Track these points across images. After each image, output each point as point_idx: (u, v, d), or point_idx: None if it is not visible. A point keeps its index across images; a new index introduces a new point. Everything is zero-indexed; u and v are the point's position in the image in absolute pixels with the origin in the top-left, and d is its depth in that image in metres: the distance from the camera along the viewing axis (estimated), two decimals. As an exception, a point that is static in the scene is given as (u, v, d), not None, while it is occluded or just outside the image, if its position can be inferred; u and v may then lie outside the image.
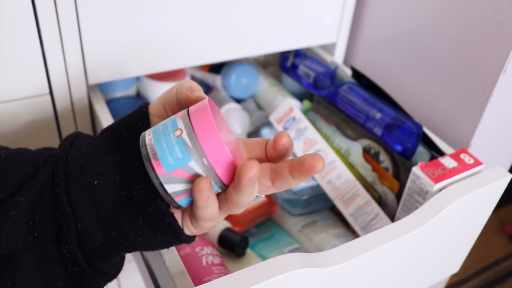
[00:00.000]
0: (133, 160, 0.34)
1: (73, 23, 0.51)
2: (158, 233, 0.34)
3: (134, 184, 0.33)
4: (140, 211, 0.33)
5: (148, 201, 0.33)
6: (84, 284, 0.36)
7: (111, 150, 0.35)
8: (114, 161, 0.34)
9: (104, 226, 0.34)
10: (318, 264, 0.38)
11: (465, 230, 0.53)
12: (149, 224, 0.34)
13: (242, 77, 0.72)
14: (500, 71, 0.54)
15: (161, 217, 0.33)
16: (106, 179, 0.34)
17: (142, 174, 0.33)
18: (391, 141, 0.56)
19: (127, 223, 0.34)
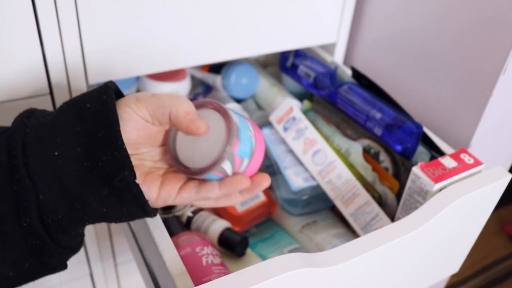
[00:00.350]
0: (96, 131, 0.33)
1: (73, 22, 0.51)
2: (123, 204, 0.34)
3: (98, 156, 0.33)
4: (105, 182, 0.33)
5: (114, 172, 0.33)
6: (45, 259, 0.35)
7: (71, 121, 0.34)
8: (75, 132, 0.34)
9: (68, 197, 0.33)
10: (318, 264, 0.38)
11: (465, 230, 0.53)
12: (114, 195, 0.34)
13: (242, 77, 0.72)
14: (500, 71, 0.54)
15: (127, 188, 0.33)
16: (67, 150, 0.33)
17: (107, 144, 0.33)
18: (391, 141, 0.56)
19: (91, 194, 0.33)
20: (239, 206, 0.58)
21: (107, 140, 0.33)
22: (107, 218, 0.35)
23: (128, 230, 0.56)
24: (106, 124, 0.33)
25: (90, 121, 0.34)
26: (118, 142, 0.33)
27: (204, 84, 0.79)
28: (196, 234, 0.52)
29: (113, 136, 0.33)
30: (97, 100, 0.34)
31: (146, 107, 0.35)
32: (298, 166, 0.60)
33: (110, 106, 0.34)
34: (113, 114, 0.34)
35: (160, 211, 0.57)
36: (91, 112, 0.34)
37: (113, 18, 0.53)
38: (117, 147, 0.33)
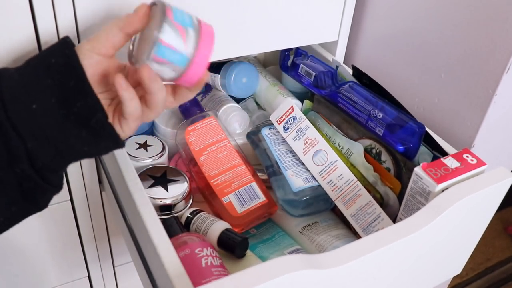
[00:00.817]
0: (66, 82, 0.39)
1: (71, 21, 0.50)
2: (101, 141, 0.40)
3: (72, 103, 0.39)
4: (82, 125, 0.39)
5: (89, 116, 0.39)
6: (36, 199, 0.41)
7: (41, 76, 0.39)
8: (47, 85, 0.39)
9: (52, 142, 0.38)
10: (319, 265, 0.37)
11: (468, 231, 0.52)
12: (92, 135, 0.40)
13: (242, 76, 0.72)
14: (503, 70, 0.54)
15: (102, 128, 0.40)
16: (43, 102, 0.38)
17: (79, 93, 0.39)
18: (393, 141, 0.55)
19: (72, 136, 0.39)
20: (239, 207, 0.58)
21: (78, 89, 0.39)
22: (88, 154, 0.41)
23: (127, 232, 0.55)
24: (74, 74, 0.39)
25: (59, 74, 0.39)
26: (88, 89, 0.39)
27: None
28: (196, 235, 0.51)
29: (82, 85, 0.39)
30: (60, 55, 0.39)
31: (98, 41, 0.41)
32: (299, 167, 0.60)
33: (74, 57, 0.39)
34: (78, 65, 0.39)
35: (159, 212, 0.57)
36: (58, 65, 0.39)
37: (112, 17, 0.53)
38: (88, 93, 0.39)
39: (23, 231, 0.63)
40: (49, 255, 0.68)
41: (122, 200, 0.54)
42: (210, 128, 0.62)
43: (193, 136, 0.61)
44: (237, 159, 0.61)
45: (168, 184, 0.58)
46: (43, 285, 0.71)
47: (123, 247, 0.73)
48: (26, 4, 0.48)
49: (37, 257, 0.67)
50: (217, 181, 0.59)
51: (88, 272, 0.74)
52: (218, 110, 0.70)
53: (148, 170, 0.59)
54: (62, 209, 0.63)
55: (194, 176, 0.61)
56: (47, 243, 0.66)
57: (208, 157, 0.60)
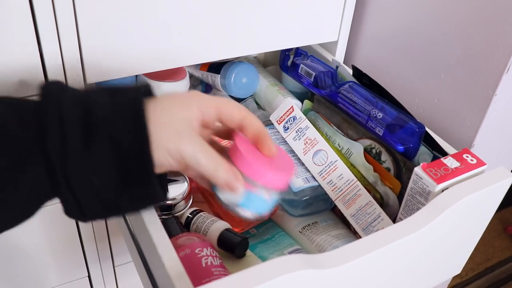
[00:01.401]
0: (132, 169, 0.37)
1: (71, 21, 0.50)
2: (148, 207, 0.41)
3: (132, 187, 0.37)
4: (136, 200, 0.39)
5: (145, 199, 0.39)
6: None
7: (106, 155, 0.36)
8: (110, 164, 0.36)
9: (103, 203, 0.38)
10: (319, 265, 0.37)
11: (467, 231, 0.52)
12: (143, 207, 0.40)
13: (242, 77, 0.72)
14: (503, 70, 0.54)
15: (156, 203, 0.40)
16: (103, 178, 0.37)
17: (141, 182, 0.37)
18: (393, 141, 0.55)
19: (124, 203, 0.38)
20: (239, 207, 0.58)
21: (142, 178, 0.37)
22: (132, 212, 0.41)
23: (127, 232, 0.55)
24: (142, 167, 0.37)
25: (126, 160, 0.36)
26: (152, 183, 0.37)
27: (204, 83, 0.78)
28: (196, 235, 0.51)
29: (148, 179, 0.37)
30: (132, 140, 0.36)
31: (179, 163, 0.39)
32: (299, 167, 0.60)
33: (146, 149, 0.36)
34: (149, 160, 0.37)
35: (159, 212, 0.57)
36: (128, 151, 0.36)
37: (111, 17, 0.53)
38: (150, 185, 0.37)
39: (24, 231, 0.63)
40: (49, 255, 0.68)
41: (122, 200, 0.53)
42: (210, 128, 0.62)
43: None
44: (237, 159, 0.61)
45: (168, 184, 0.58)
46: (44, 285, 0.71)
47: (123, 247, 0.73)
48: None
49: (38, 257, 0.67)
50: (217, 181, 0.59)
51: (88, 272, 0.74)
52: (218, 110, 0.70)
53: (148, 170, 0.59)
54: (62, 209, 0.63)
55: (194, 176, 0.61)
56: (47, 243, 0.66)
57: (208, 157, 0.60)
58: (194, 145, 0.38)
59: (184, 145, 0.38)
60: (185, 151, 0.38)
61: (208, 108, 0.40)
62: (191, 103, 0.40)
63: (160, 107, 0.39)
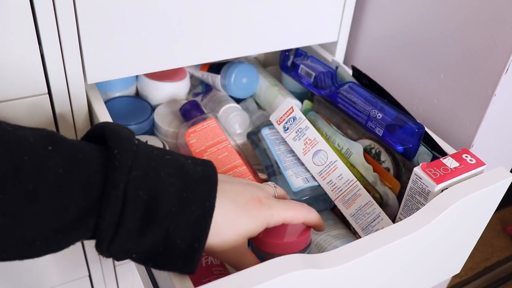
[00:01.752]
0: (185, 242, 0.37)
1: (71, 21, 0.51)
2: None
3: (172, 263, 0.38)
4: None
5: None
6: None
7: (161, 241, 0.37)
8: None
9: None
10: (319, 265, 0.37)
11: (467, 231, 0.52)
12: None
13: (242, 77, 0.72)
14: (502, 71, 0.54)
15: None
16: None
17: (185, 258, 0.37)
18: (393, 141, 0.55)
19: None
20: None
21: (181, 270, 0.38)
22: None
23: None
24: (186, 263, 0.37)
25: (174, 254, 0.37)
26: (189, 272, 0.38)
27: (204, 83, 0.79)
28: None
29: (187, 271, 0.38)
30: (189, 241, 0.37)
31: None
32: (299, 167, 0.60)
33: (195, 257, 0.37)
34: (195, 265, 0.37)
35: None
36: (178, 247, 0.36)
37: (112, 17, 0.53)
38: (186, 272, 0.38)
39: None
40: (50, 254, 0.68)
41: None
42: (210, 130, 0.62)
43: (194, 138, 0.61)
44: (237, 160, 0.61)
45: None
46: (44, 284, 0.71)
47: (123, 246, 0.73)
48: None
49: (38, 257, 0.67)
50: (217, 181, 0.59)
51: (89, 271, 0.74)
52: (218, 110, 0.71)
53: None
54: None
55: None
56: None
57: (208, 158, 0.60)
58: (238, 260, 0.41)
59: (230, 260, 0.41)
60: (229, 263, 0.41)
61: (275, 221, 0.42)
62: (258, 217, 0.41)
63: (226, 209, 0.39)
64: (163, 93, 0.70)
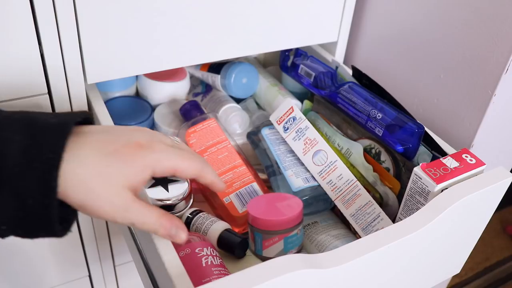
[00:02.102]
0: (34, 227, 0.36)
1: (71, 21, 0.51)
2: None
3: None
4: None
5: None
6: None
7: (6, 202, 0.35)
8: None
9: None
10: (319, 265, 0.37)
11: (467, 231, 0.52)
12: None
13: (242, 77, 0.72)
14: (502, 71, 0.54)
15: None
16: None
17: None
18: (392, 141, 0.55)
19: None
20: (240, 207, 0.58)
21: (44, 229, 0.35)
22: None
23: (127, 231, 0.55)
24: (44, 222, 0.34)
25: (30, 215, 0.34)
26: (54, 231, 0.35)
27: (204, 83, 0.79)
28: (196, 234, 0.52)
29: (50, 230, 0.35)
30: (39, 200, 0.34)
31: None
32: (299, 167, 0.60)
33: (51, 214, 0.34)
34: (53, 221, 0.34)
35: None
36: (32, 208, 0.34)
37: (112, 17, 0.53)
38: (51, 233, 0.36)
39: (24, 231, 0.63)
40: (50, 254, 0.68)
41: (123, 200, 0.54)
42: (210, 130, 0.62)
43: (194, 138, 0.61)
44: (237, 160, 0.61)
45: (169, 184, 0.58)
46: (44, 284, 0.71)
47: (123, 246, 0.73)
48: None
49: (38, 256, 0.67)
50: (218, 181, 0.59)
51: (89, 271, 0.74)
52: (218, 110, 0.71)
53: (148, 170, 0.59)
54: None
55: (194, 177, 0.61)
56: (47, 242, 0.66)
57: (209, 159, 0.60)
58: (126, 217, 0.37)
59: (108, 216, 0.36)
60: (123, 224, 0.37)
61: (162, 168, 0.38)
62: (135, 161, 0.37)
63: (91, 161, 0.36)
64: (163, 93, 0.70)
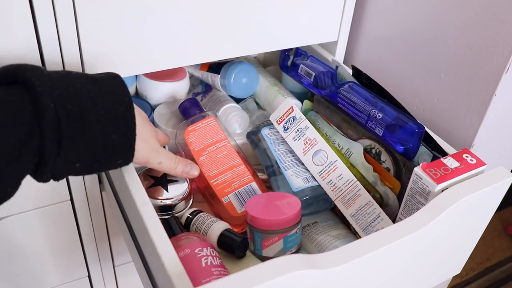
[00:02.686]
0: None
1: (71, 21, 0.50)
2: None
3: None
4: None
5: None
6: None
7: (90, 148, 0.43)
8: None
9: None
10: (319, 265, 0.37)
11: (467, 231, 0.52)
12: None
13: (242, 77, 0.72)
14: (503, 71, 0.54)
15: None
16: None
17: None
18: (393, 141, 0.55)
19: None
20: (239, 207, 0.58)
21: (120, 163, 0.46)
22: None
23: (127, 232, 0.55)
24: (124, 158, 0.45)
25: (111, 151, 0.43)
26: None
27: (204, 83, 0.78)
28: (196, 235, 0.51)
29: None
30: (122, 134, 0.43)
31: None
32: (299, 167, 0.60)
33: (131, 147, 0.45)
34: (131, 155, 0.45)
35: (159, 212, 0.57)
36: (112, 142, 0.43)
37: (111, 16, 0.53)
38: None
39: (24, 231, 0.63)
40: (49, 255, 0.68)
41: (122, 200, 0.54)
42: (209, 128, 0.62)
43: (193, 136, 0.61)
44: (236, 159, 0.61)
45: (168, 184, 0.58)
46: (44, 285, 0.71)
47: (123, 247, 0.73)
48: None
49: (38, 257, 0.67)
50: (217, 181, 0.59)
51: (88, 272, 0.74)
52: (218, 110, 0.70)
53: (148, 170, 0.59)
54: (62, 209, 0.63)
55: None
56: (47, 243, 0.66)
57: (207, 157, 0.60)
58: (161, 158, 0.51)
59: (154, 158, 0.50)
60: (153, 163, 0.50)
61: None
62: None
63: (136, 111, 0.45)
64: (162, 93, 0.70)
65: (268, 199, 0.52)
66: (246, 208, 0.51)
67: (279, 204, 0.51)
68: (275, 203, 0.51)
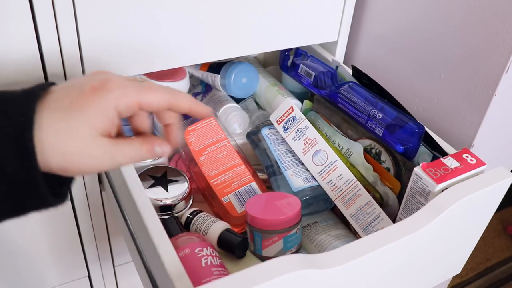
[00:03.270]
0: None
1: (71, 21, 0.50)
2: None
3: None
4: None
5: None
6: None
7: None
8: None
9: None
10: (319, 265, 0.37)
11: (467, 231, 0.52)
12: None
13: (242, 77, 0.72)
14: (503, 71, 0.54)
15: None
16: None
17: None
18: (393, 141, 0.55)
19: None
20: (239, 207, 0.58)
21: (33, 197, 0.34)
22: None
23: (127, 232, 0.55)
24: (30, 189, 0.34)
25: (13, 183, 0.33)
26: (43, 197, 0.35)
27: (204, 83, 0.78)
28: (195, 235, 0.51)
29: (41, 196, 0.34)
30: (18, 165, 0.33)
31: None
32: (299, 167, 0.60)
33: (34, 175, 0.33)
34: (38, 184, 0.33)
35: (159, 212, 0.57)
36: (13, 175, 0.33)
37: (111, 16, 0.53)
38: (41, 200, 0.35)
39: (24, 231, 0.63)
40: (49, 255, 0.68)
41: (122, 200, 0.54)
42: (209, 128, 0.62)
43: (193, 136, 0.61)
44: (236, 159, 0.61)
45: (168, 184, 0.58)
46: (44, 285, 0.71)
47: (123, 247, 0.73)
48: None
49: (38, 257, 0.67)
50: (217, 181, 0.59)
51: (88, 272, 0.74)
52: (218, 110, 0.70)
53: (148, 170, 0.59)
54: (62, 209, 0.63)
55: (194, 176, 0.61)
56: (47, 243, 0.66)
57: (207, 157, 0.60)
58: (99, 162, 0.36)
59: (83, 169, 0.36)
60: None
61: (123, 105, 0.36)
62: (93, 106, 0.35)
63: (53, 121, 0.34)
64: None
65: (268, 199, 0.52)
66: (246, 208, 0.51)
67: (279, 204, 0.51)
68: (275, 203, 0.51)
